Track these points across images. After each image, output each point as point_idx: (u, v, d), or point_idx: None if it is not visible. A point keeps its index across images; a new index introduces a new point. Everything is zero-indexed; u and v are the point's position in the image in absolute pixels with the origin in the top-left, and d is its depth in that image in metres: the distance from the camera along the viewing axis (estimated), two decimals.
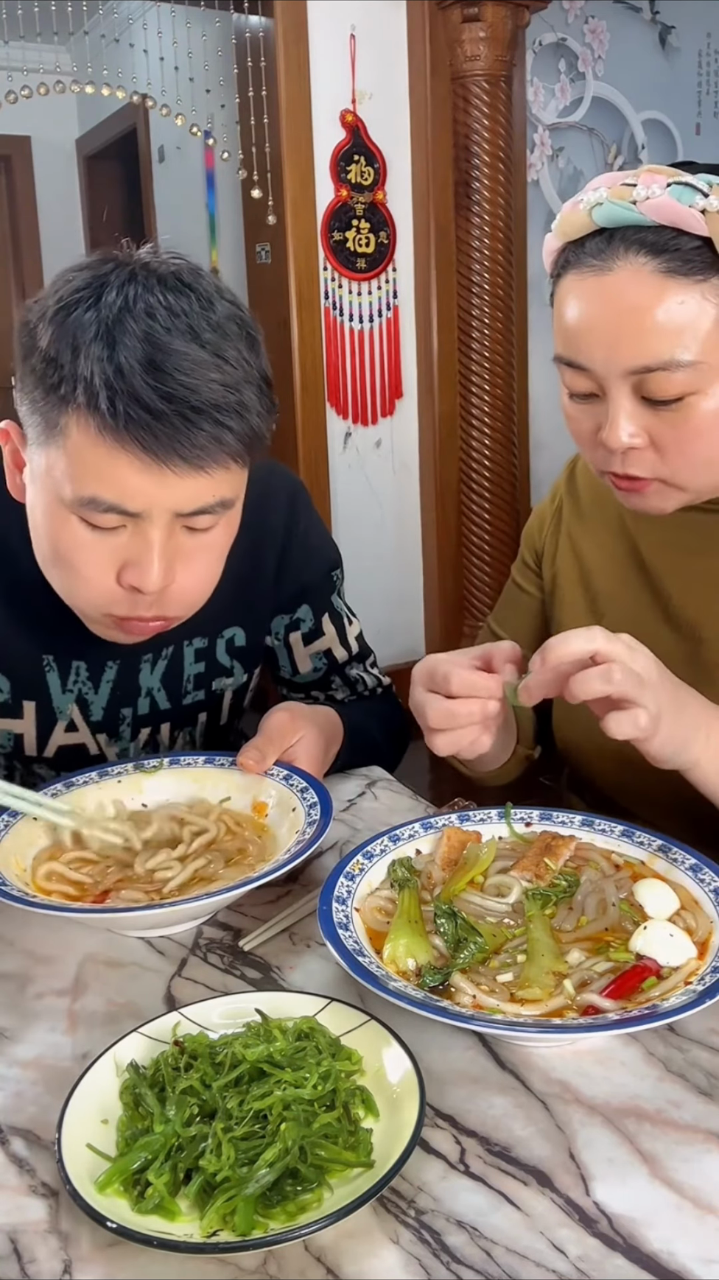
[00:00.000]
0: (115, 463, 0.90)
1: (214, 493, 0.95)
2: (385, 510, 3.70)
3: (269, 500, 1.23)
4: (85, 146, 5.60)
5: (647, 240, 0.90)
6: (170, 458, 0.90)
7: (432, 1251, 0.60)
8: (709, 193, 0.89)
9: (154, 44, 3.40)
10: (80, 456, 0.91)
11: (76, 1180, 0.62)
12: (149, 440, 0.89)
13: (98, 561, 0.96)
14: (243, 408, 0.92)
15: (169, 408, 0.88)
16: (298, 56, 3.27)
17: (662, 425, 0.93)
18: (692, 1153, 0.66)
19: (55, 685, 1.15)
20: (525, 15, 3.41)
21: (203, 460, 0.91)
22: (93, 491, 0.92)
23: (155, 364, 0.88)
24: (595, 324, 0.93)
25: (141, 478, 0.91)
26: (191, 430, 0.89)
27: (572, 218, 0.95)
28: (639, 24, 4.03)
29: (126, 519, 0.94)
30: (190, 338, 0.90)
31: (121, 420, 0.88)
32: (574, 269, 0.94)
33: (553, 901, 0.85)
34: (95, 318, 0.89)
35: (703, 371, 0.90)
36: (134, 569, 0.95)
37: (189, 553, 0.97)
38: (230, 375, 0.91)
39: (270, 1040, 0.70)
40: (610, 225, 0.91)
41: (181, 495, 0.93)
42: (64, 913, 0.87)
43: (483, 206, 3.48)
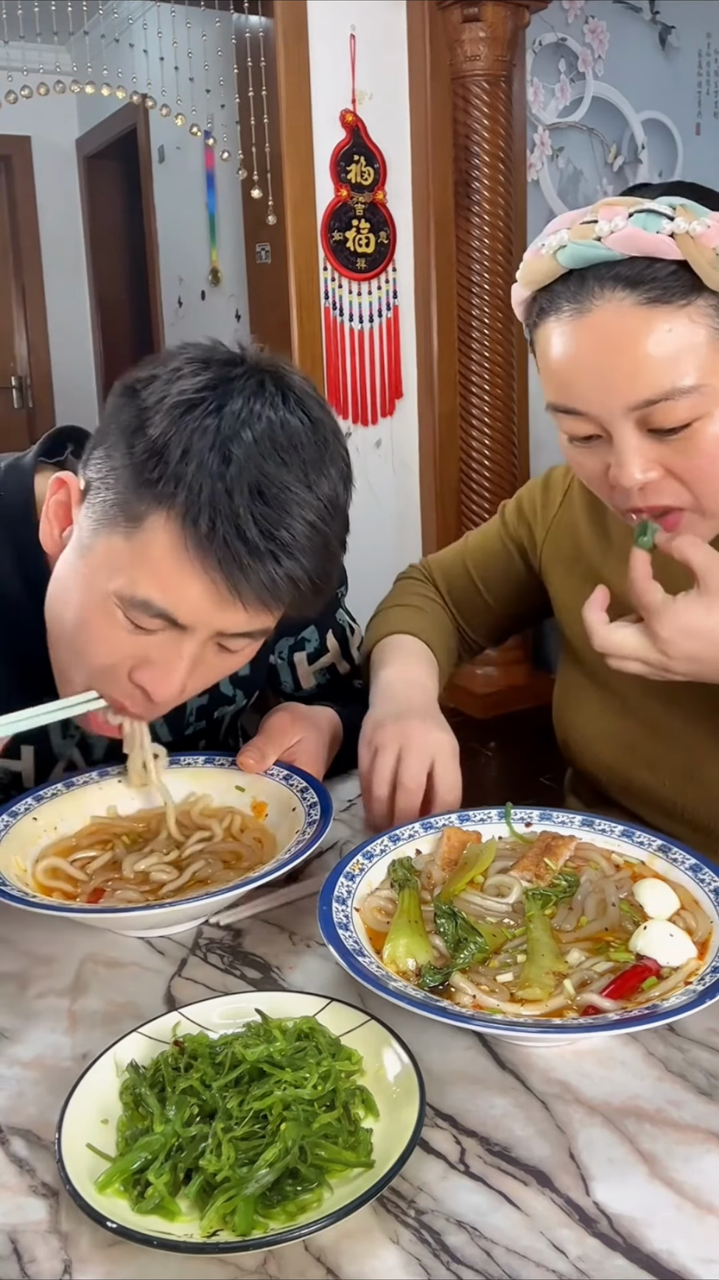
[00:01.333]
0: (188, 579, 0.86)
1: (265, 623, 0.91)
2: (385, 510, 3.70)
3: None
4: (85, 146, 5.60)
5: (621, 275, 0.87)
6: (245, 592, 0.86)
7: (431, 1251, 0.60)
8: (674, 215, 0.87)
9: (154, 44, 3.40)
10: (152, 558, 0.87)
11: (76, 1180, 0.62)
12: (234, 571, 0.85)
13: (120, 655, 0.92)
14: (327, 550, 0.89)
15: (264, 543, 0.84)
16: (298, 56, 3.27)
17: (673, 455, 0.91)
18: (692, 1153, 0.66)
19: (55, 731, 1.13)
20: (525, 15, 3.41)
21: (273, 599, 0.88)
22: (148, 595, 0.88)
23: (263, 495, 0.84)
24: (585, 366, 0.90)
25: (207, 601, 0.87)
26: (276, 567, 0.85)
27: (536, 265, 0.92)
28: (639, 24, 4.03)
29: (169, 626, 0.90)
30: (301, 472, 0.86)
31: (216, 544, 0.84)
32: (552, 315, 0.91)
33: (553, 901, 0.85)
34: (216, 425, 0.85)
35: (707, 394, 0.88)
36: (152, 672, 0.91)
37: (210, 667, 0.94)
38: (323, 515, 0.88)
39: (270, 1040, 0.70)
40: (579, 266, 0.89)
41: (234, 622, 0.90)
42: (64, 913, 0.87)
43: (483, 206, 3.48)
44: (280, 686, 1.30)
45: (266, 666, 1.26)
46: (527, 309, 0.96)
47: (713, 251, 0.86)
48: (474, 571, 1.28)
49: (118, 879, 0.94)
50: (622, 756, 1.11)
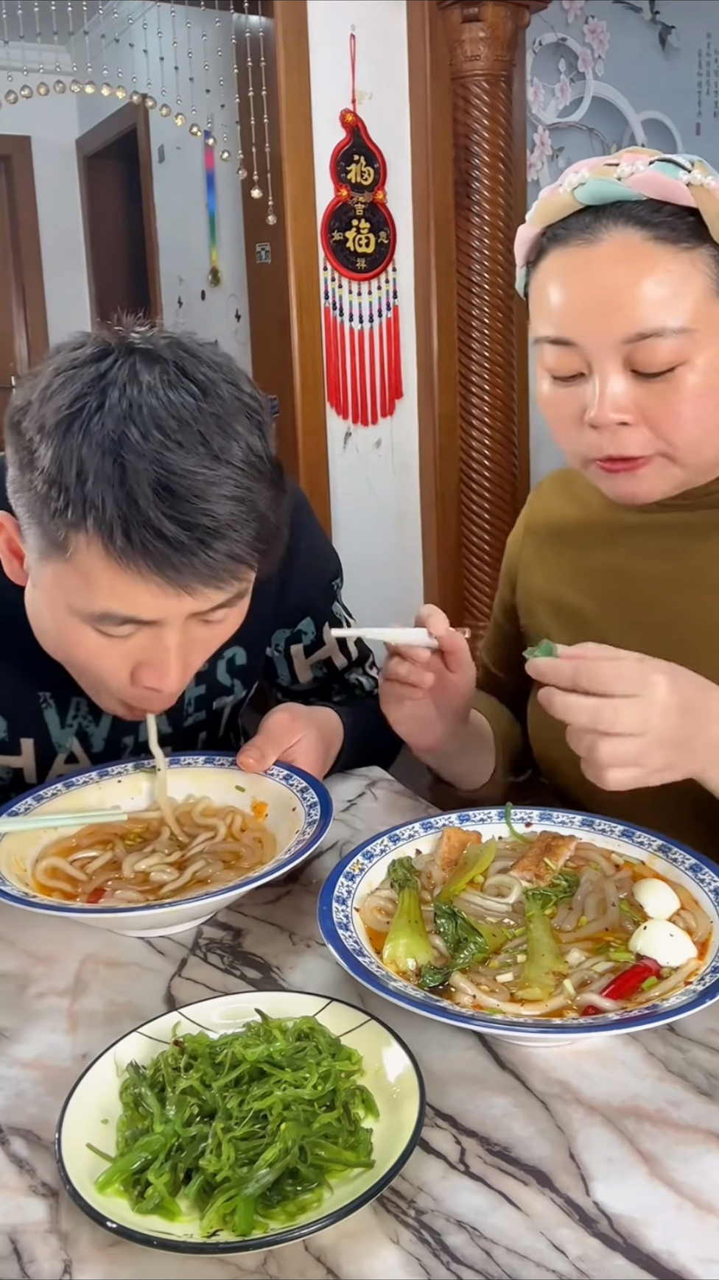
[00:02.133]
0: (132, 585, 0.86)
1: (230, 593, 0.92)
2: (385, 510, 3.70)
3: None
4: (85, 146, 5.60)
5: (634, 213, 0.92)
6: (189, 582, 0.87)
7: (431, 1251, 0.60)
8: (691, 168, 0.92)
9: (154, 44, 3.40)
10: (93, 576, 0.87)
11: (76, 1180, 0.62)
12: (168, 569, 0.85)
13: (112, 665, 0.93)
14: (257, 515, 0.88)
15: (187, 536, 0.84)
16: (298, 56, 3.27)
17: (651, 399, 0.93)
18: (692, 1153, 0.66)
19: (54, 721, 1.13)
20: (525, 15, 3.41)
21: (221, 579, 0.89)
22: (106, 607, 0.88)
23: (169, 488, 0.83)
24: (585, 296, 0.94)
25: (158, 598, 0.88)
26: (209, 553, 0.85)
27: (552, 200, 0.96)
28: (639, 24, 4.03)
29: (142, 626, 0.91)
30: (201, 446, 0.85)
31: (139, 550, 0.84)
32: (559, 246, 0.95)
33: (553, 901, 0.85)
34: (101, 433, 0.83)
35: (693, 340, 0.91)
36: (150, 670, 0.93)
37: (202, 642, 0.96)
38: (243, 484, 0.87)
39: (270, 1040, 0.70)
40: (596, 202, 0.93)
41: (198, 604, 0.90)
42: (64, 913, 0.87)
43: (483, 206, 3.48)
44: (277, 680, 1.30)
45: (264, 657, 1.27)
46: (531, 245, 0.99)
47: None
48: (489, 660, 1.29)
49: (118, 879, 0.94)
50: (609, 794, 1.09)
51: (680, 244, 0.91)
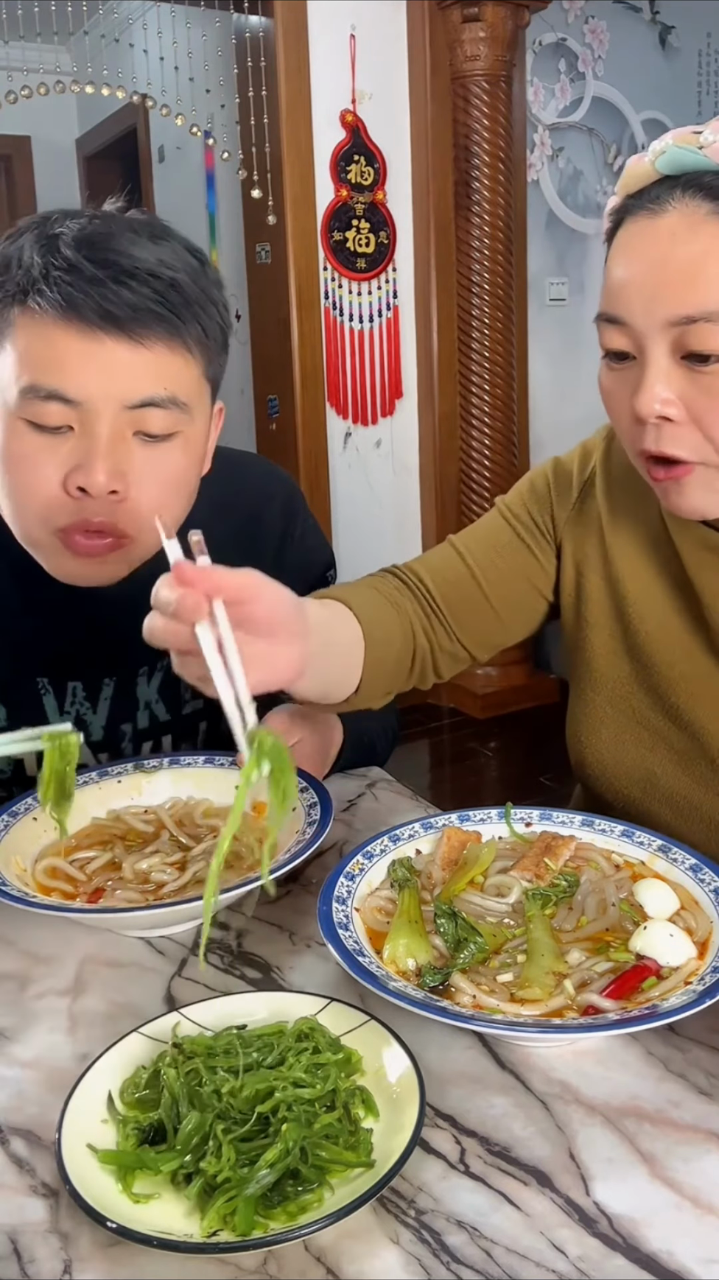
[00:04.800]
0: (53, 341, 0.91)
1: (160, 382, 0.93)
2: (385, 510, 3.70)
3: (265, 503, 1.23)
4: (85, 146, 5.60)
5: (705, 183, 0.85)
6: (105, 324, 0.90)
7: (431, 1251, 0.60)
8: None
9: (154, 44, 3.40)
10: (23, 345, 0.92)
11: (76, 1180, 0.62)
12: (82, 304, 0.89)
13: (44, 469, 0.94)
14: (182, 286, 0.93)
15: (103, 273, 0.90)
16: (298, 56, 3.27)
17: (701, 394, 0.86)
18: (692, 1153, 0.66)
19: (52, 708, 1.14)
20: (525, 15, 3.41)
21: (139, 330, 0.91)
22: (33, 378, 0.91)
23: (92, 243, 0.92)
24: (640, 270, 0.87)
25: (79, 355, 0.90)
26: (124, 290, 0.90)
27: (635, 170, 0.90)
28: (639, 24, 4.03)
29: (71, 414, 0.92)
30: (130, 233, 0.94)
31: (55, 289, 0.89)
32: (629, 218, 0.89)
33: (553, 901, 0.85)
34: (39, 233, 0.94)
35: None
36: (79, 471, 0.93)
37: (141, 465, 0.95)
38: (169, 259, 0.93)
39: (270, 1041, 0.70)
40: (674, 171, 0.87)
41: (123, 378, 0.92)
42: (64, 913, 0.87)
43: (483, 206, 3.48)
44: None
45: None
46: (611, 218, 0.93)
47: None
48: (477, 568, 1.12)
49: (118, 879, 0.94)
50: (643, 792, 1.06)
51: None
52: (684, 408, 0.87)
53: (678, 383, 0.87)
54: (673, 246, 0.85)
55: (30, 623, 1.05)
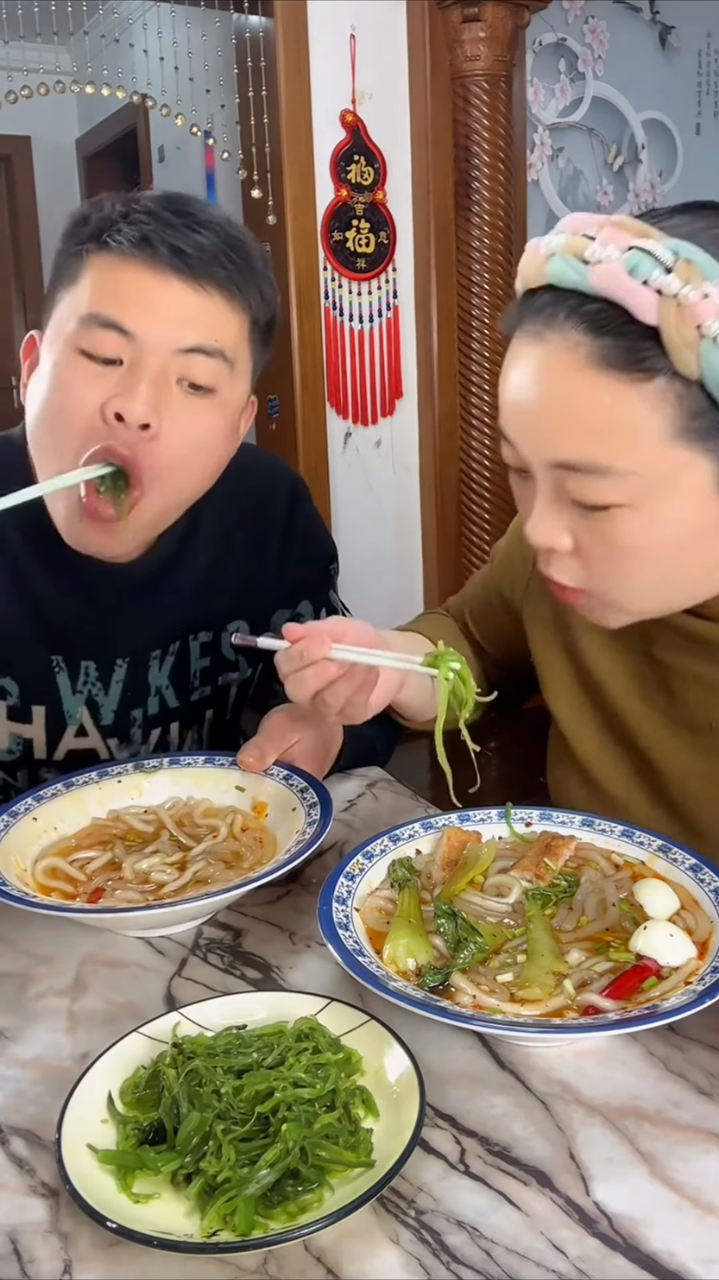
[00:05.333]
0: (122, 275, 0.95)
1: (213, 331, 0.97)
2: (385, 510, 3.69)
3: (270, 494, 1.24)
4: (85, 146, 5.60)
5: (589, 312, 0.75)
6: (175, 263, 0.95)
7: (431, 1251, 0.60)
8: (673, 267, 0.73)
9: (154, 44, 3.39)
10: (93, 280, 0.97)
11: (77, 1180, 0.62)
12: (156, 242, 0.95)
13: (86, 394, 0.96)
14: (249, 253, 1.00)
15: (179, 220, 0.96)
16: (298, 56, 3.26)
17: (586, 532, 0.81)
18: (692, 1153, 0.66)
19: (65, 687, 1.14)
20: (525, 15, 3.41)
21: (203, 274, 0.96)
22: (96, 307, 0.95)
23: (170, 197, 0.99)
24: (522, 400, 0.80)
25: (144, 291, 0.95)
26: (198, 235, 0.96)
27: (529, 262, 0.81)
28: (639, 24, 4.03)
29: (124, 347, 0.96)
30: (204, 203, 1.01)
31: (134, 226, 0.95)
32: (517, 326, 0.81)
33: (553, 901, 0.85)
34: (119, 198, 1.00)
35: (635, 485, 0.77)
36: (120, 397, 0.95)
37: (178, 411, 0.98)
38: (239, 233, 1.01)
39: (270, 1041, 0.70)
40: (559, 284, 0.77)
41: (181, 319, 0.96)
42: (64, 913, 0.87)
43: (483, 206, 3.48)
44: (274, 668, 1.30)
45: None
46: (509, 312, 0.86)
47: (696, 330, 0.72)
48: (472, 622, 1.21)
49: (118, 879, 0.94)
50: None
51: (632, 372, 0.74)
52: (572, 540, 0.82)
53: (567, 516, 0.81)
54: (550, 383, 0.78)
55: (49, 600, 1.06)
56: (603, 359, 0.75)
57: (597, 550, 0.81)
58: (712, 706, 0.95)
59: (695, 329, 0.72)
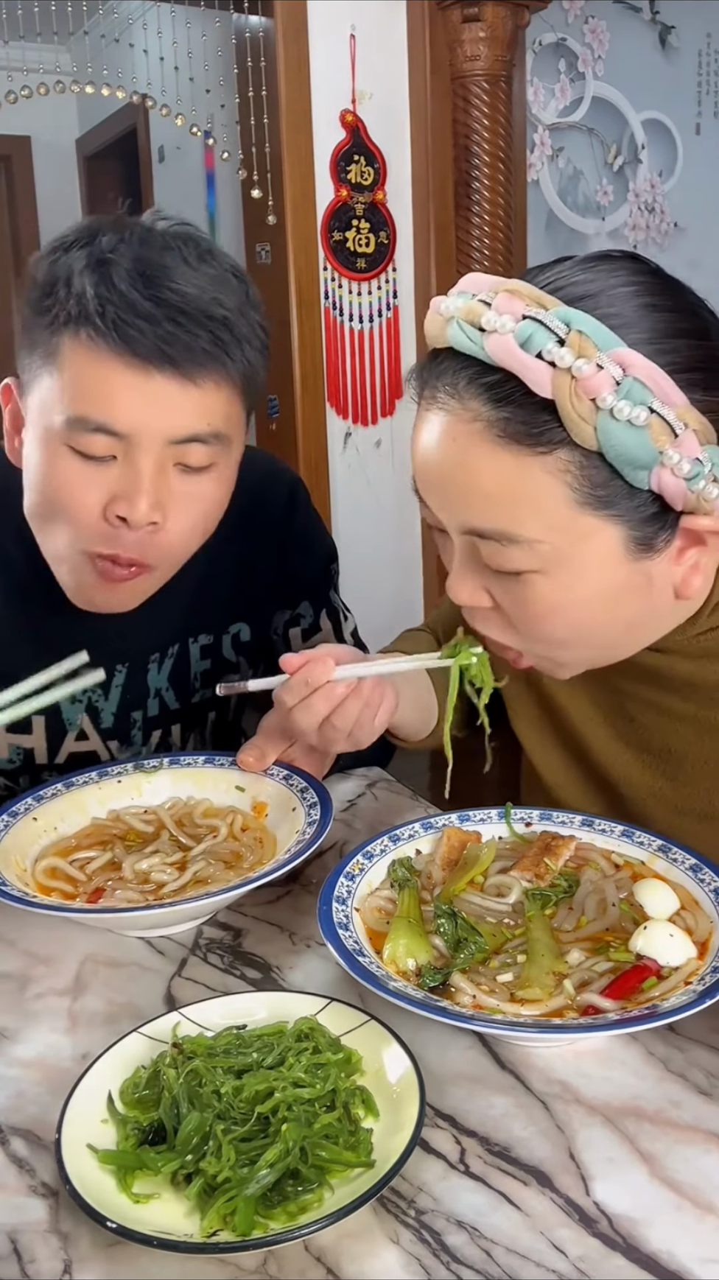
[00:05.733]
0: (105, 374, 0.90)
1: (205, 418, 0.94)
2: (385, 510, 3.69)
3: (269, 495, 1.23)
4: (85, 146, 5.60)
5: (489, 383, 0.74)
6: (158, 361, 0.90)
7: (431, 1251, 0.60)
8: (565, 339, 0.72)
9: (154, 44, 3.39)
10: (72, 374, 0.92)
11: (76, 1180, 0.62)
12: (137, 340, 0.89)
13: (85, 495, 0.95)
14: (233, 325, 0.94)
15: (158, 310, 0.89)
16: (298, 56, 3.26)
17: (504, 594, 0.81)
18: (692, 1153, 0.66)
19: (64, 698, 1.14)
20: (525, 15, 3.41)
21: (191, 368, 0.91)
22: (82, 410, 0.92)
23: (146, 275, 0.90)
24: (429, 466, 0.80)
25: (130, 390, 0.91)
26: (179, 330, 0.90)
27: (432, 322, 0.80)
28: (639, 24, 4.02)
29: (117, 445, 0.93)
30: (183, 263, 0.92)
31: (110, 322, 0.89)
32: (421, 389, 0.81)
33: (553, 901, 0.85)
34: (88, 252, 0.92)
35: (545, 553, 0.76)
36: (122, 500, 0.94)
37: (180, 497, 0.96)
38: (222, 295, 0.93)
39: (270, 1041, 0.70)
40: (459, 349, 0.76)
41: (172, 414, 0.92)
42: (64, 913, 0.87)
43: (483, 206, 3.47)
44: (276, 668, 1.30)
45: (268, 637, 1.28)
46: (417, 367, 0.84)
47: (591, 403, 0.72)
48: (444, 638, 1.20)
49: (118, 879, 0.94)
50: None
51: (534, 446, 0.73)
52: (490, 599, 0.82)
53: (483, 577, 0.81)
54: (453, 452, 0.77)
55: (46, 611, 1.06)
56: (503, 432, 0.74)
57: (514, 610, 0.82)
58: (669, 732, 0.96)
59: (590, 402, 0.72)
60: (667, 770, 0.97)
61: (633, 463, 0.73)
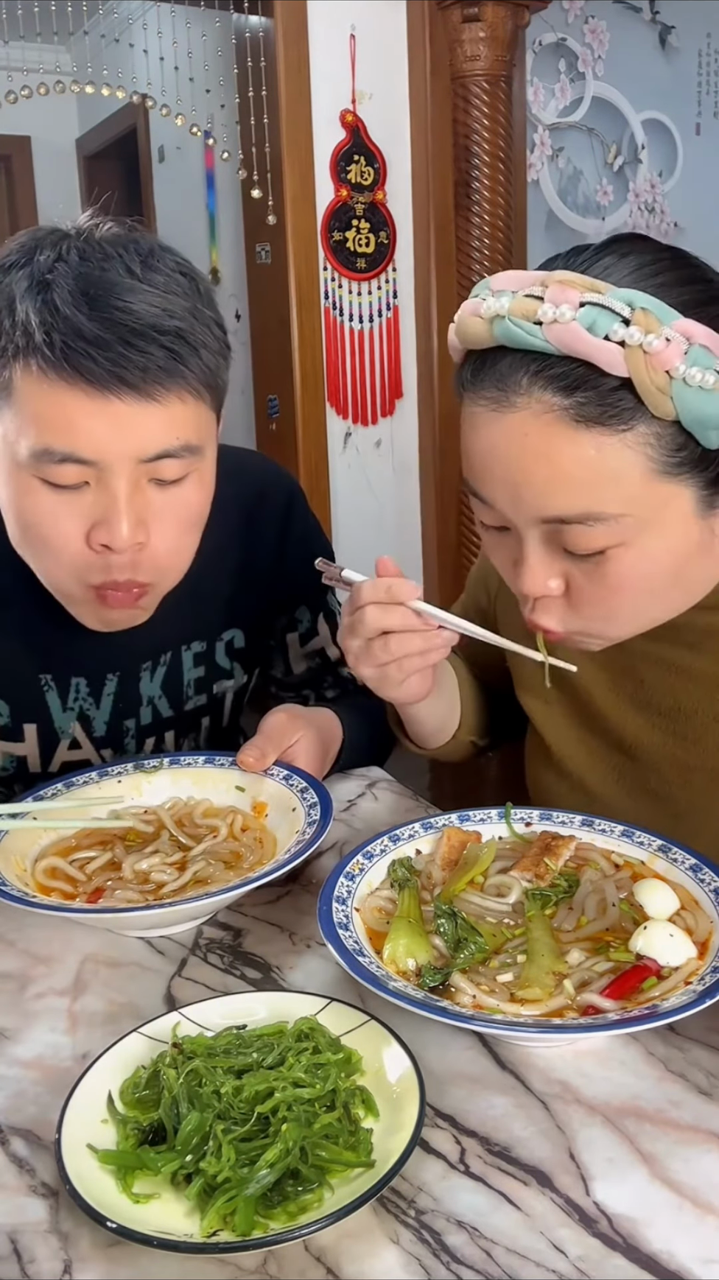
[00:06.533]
0: (62, 404, 0.88)
1: (173, 432, 0.92)
2: (385, 510, 3.70)
3: (266, 500, 1.23)
4: (85, 146, 5.60)
5: (555, 374, 0.76)
6: (115, 386, 0.88)
7: (431, 1251, 0.60)
8: (630, 318, 0.74)
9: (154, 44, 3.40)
10: (29, 407, 0.89)
11: (77, 1180, 0.62)
12: (90, 369, 0.87)
13: (65, 526, 0.93)
14: (187, 334, 0.90)
15: (109, 334, 0.87)
16: (298, 56, 3.26)
17: (579, 575, 0.83)
18: (692, 1153, 0.66)
19: (55, 705, 1.14)
20: (525, 15, 3.41)
21: (150, 387, 0.89)
22: (45, 442, 0.90)
23: (90, 296, 0.87)
24: (499, 466, 0.81)
25: (91, 417, 0.88)
26: (132, 352, 0.87)
27: (471, 325, 0.81)
28: (639, 24, 4.02)
29: (87, 472, 0.91)
30: (127, 274, 0.89)
31: (59, 352, 0.86)
32: (474, 391, 0.82)
33: (553, 901, 0.85)
34: (28, 273, 0.89)
35: (627, 525, 0.79)
36: (102, 527, 0.92)
37: (160, 510, 0.95)
38: (172, 303, 0.90)
39: (270, 1041, 0.70)
40: (512, 346, 0.77)
41: (137, 435, 0.90)
42: (64, 913, 0.87)
43: (483, 206, 3.47)
44: (272, 672, 1.30)
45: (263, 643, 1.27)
46: (459, 364, 0.86)
47: (665, 374, 0.75)
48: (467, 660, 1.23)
49: (118, 879, 0.94)
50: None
51: (611, 424, 0.76)
52: (564, 583, 0.85)
53: (559, 562, 0.84)
54: (528, 447, 0.78)
55: (35, 619, 1.05)
56: (580, 416, 0.76)
57: (588, 589, 0.84)
58: (680, 691, 0.98)
59: (664, 374, 0.75)
60: (676, 729, 0.98)
61: (706, 424, 0.77)
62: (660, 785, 1.00)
